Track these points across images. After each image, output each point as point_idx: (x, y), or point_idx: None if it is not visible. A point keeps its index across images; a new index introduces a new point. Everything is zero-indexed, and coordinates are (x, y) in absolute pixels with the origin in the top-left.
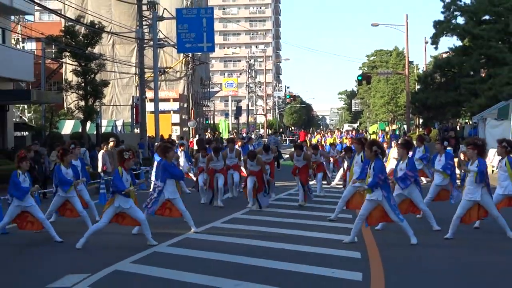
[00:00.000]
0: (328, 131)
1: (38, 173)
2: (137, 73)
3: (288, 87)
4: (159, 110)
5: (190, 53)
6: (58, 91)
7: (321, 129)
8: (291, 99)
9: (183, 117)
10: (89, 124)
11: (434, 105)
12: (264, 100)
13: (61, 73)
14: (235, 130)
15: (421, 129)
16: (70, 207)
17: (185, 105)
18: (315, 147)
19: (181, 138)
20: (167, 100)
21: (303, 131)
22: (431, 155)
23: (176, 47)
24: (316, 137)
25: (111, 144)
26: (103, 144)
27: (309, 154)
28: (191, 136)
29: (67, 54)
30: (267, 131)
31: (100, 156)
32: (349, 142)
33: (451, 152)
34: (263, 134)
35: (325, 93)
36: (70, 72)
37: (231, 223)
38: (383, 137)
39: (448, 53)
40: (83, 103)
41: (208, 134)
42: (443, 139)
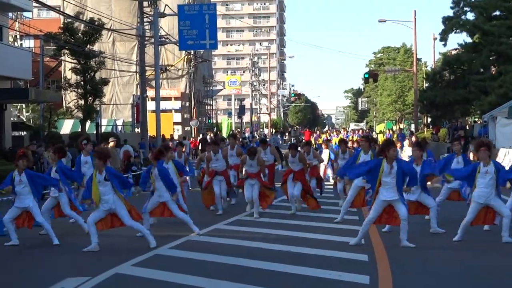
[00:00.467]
0: (334, 130)
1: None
2: (138, 71)
3: (292, 85)
4: (161, 109)
5: (192, 51)
6: (57, 89)
7: (330, 129)
8: (296, 97)
9: (185, 116)
10: (88, 123)
11: (442, 103)
12: (268, 98)
13: (60, 71)
14: (238, 129)
15: (429, 128)
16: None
17: (187, 104)
18: (307, 143)
19: (183, 138)
20: (169, 98)
21: (308, 130)
22: (438, 154)
23: (178, 44)
24: (321, 137)
25: (111, 144)
26: (103, 144)
27: (305, 156)
28: (193, 135)
29: (66, 51)
30: (271, 130)
31: None
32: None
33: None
34: (267, 133)
35: (331, 91)
36: (69, 70)
37: (234, 225)
38: (390, 136)
39: (457, 50)
40: (82, 102)
41: (209, 134)
42: (454, 139)
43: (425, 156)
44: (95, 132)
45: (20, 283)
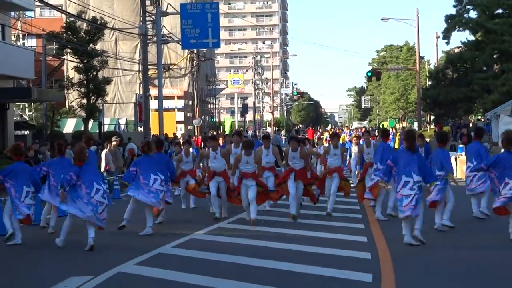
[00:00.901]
0: (337, 129)
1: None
2: (141, 70)
3: (295, 84)
4: (163, 108)
5: (195, 49)
6: (59, 88)
7: (334, 127)
8: (299, 96)
9: (188, 115)
10: (91, 122)
11: (445, 101)
12: (271, 97)
13: (62, 71)
14: (241, 128)
15: (432, 126)
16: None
17: (190, 103)
18: (303, 140)
19: (189, 136)
20: (172, 97)
21: (311, 128)
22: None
23: (180, 43)
24: (324, 136)
25: (114, 143)
26: (106, 143)
27: (308, 151)
28: (195, 134)
29: (69, 51)
30: (274, 128)
31: (103, 155)
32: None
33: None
34: (270, 132)
35: (334, 89)
36: (71, 69)
37: (238, 223)
38: (393, 134)
39: (460, 48)
40: (85, 101)
41: (211, 132)
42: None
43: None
44: (98, 131)
45: (23, 282)
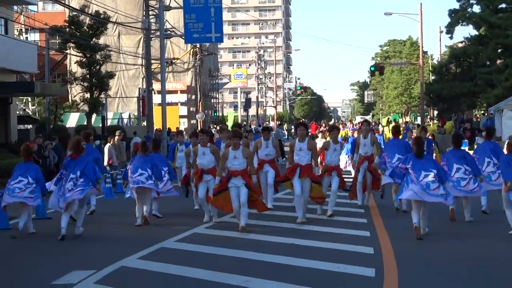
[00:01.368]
0: (340, 123)
1: (42, 166)
2: (144, 64)
3: (298, 78)
4: (167, 102)
5: (198, 44)
6: (62, 83)
7: (339, 121)
8: (302, 90)
9: (191, 110)
10: (94, 116)
11: (449, 96)
12: (274, 91)
13: (65, 65)
14: (244, 122)
15: (435, 121)
16: None
17: (193, 97)
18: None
19: (194, 130)
20: (175, 92)
21: (315, 123)
22: (445, 147)
23: (183, 37)
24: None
25: (117, 137)
26: (109, 137)
27: (315, 143)
28: (199, 128)
29: (72, 45)
30: (277, 123)
31: (106, 149)
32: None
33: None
34: (273, 126)
35: (337, 84)
36: (74, 63)
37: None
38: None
39: (463, 43)
40: (88, 96)
41: (214, 127)
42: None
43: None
44: (101, 125)
45: (26, 277)
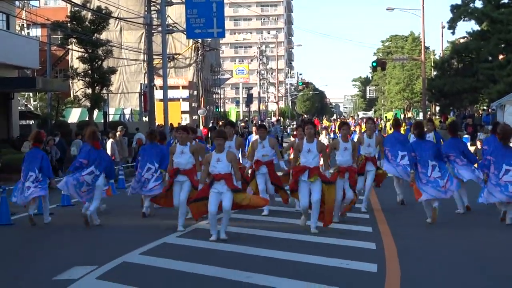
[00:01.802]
0: (340, 119)
1: None
2: (145, 59)
3: (300, 74)
4: (168, 98)
5: (199, 39)
6: (64, 78)
7: (343, 117)
8: (304, 86)
9: (193, 105)
10: (96, 112)
11: (451, 91)
12: (276, 87)
13: (67, 60)
14: (246, 118)
15: (437, 117)
16: None
17: (195, 93)
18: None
19: (196, 126)
20: (176, 87)
21: (317, 119)
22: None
23: (185, 33)
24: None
25: (119, 133)
26: (111, 133)
27: (325, 144)
28: (201, 124)
29: (73, 40)
30: (275, 119)
31: (108, 145)
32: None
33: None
34: (274, 122)
35: (339, 80)
36: (76, 59)
37: (242, 213)
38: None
39: (465, 38)
40: (90, 91)
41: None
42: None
43: (433, 138)
44: (102, 121)
45: (27, 272)
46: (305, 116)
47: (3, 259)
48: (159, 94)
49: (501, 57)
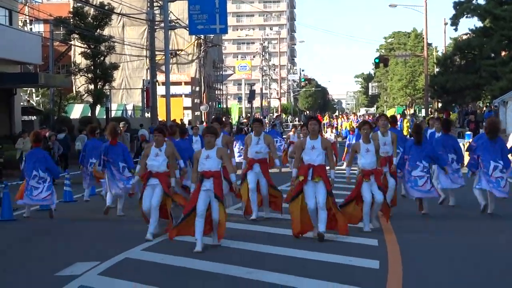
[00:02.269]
0: (344, 115)
1: None
2: (148, 55)
3: (303, 70)
4: (171, 93)
5: (202, 35)
6: (66, 74)
7: (343, 113)
8: (306, 82)
9: (195, 101)
10: (98, 108)
11: (453, 88)
12: (278, 83)
13: (69, 56)
14: (248, 114)
15: (440, 113)
16: None
17: (197, 89)
18: (295, 126)
19: (201, 122)
20: (179, 83)
21: (319, 115)
22: None
23: (188, 29)
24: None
25: (122, 128)
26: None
27: (329, 141)
28: (203, 120)
29: (76, 36)
30: (281, 115)
31: None
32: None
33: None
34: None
35: (341, 76)
36: (79, 54)
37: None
38: (401, 121)
39: (468, 35)
40: (92, 87)
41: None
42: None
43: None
44: (105, 117)
45: (30, 268)
46: (307, 112)
47: (5, 255)
48: (161, 90)
49: (503, 53)
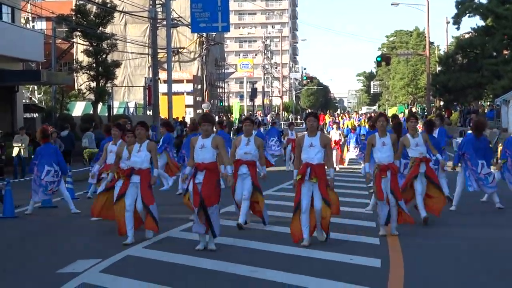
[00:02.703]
0: (346, 113)
1: None
2: (150, 53)
3: (305, 69)
4: (173, 91)
5: (204, 33)
6: (69, 71)
7: (345, 112)
8: (308, 80)
9: (197, 99)
10: (100, 105)
11: (455, 87)
12: (280, 81)
13: (72, 53)
14: (250, 112)
15: (442, 112)
16: None
17: (199, 87)
18: (291, 124)
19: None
20: (181, 81)
21: (322, 113)
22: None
23: (190, 27)
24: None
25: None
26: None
27: (329, 137)
28: None
29: (78, 33)
30: (283, 113)
31: None
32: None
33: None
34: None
35: (343, 74)
36: (81, 52)
37: None
38: (404, 120)
39: (470, 34)
40: (94, 84)
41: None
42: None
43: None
44: (107, 114)
45: (31, 265)
46: (309, 110)
47: (6, 252)
48: (163, 87)
49: (505, 52)
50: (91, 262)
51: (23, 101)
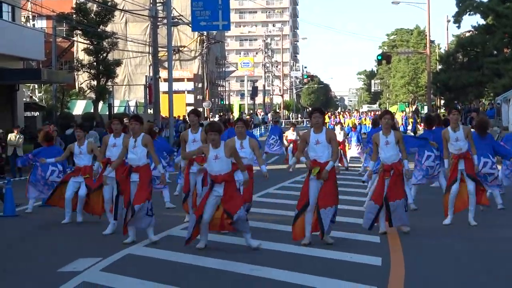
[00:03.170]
0: (347, 112)
1: None
2: (151, 52)
3: (305, 67)
4: (173, 90)
5: (205, 32)
6: (69, 70)
7: (345, 110)
8: (309, 79)
9: (198, 98)
10: (101, 104)
11: (456, 85)
12: (281, 80)
13: (72, 52)
14: (251, 110)
15: (442, 110)
16: None
17: (200, 85)
18: (293, 124)
19: (205, 119)
20: (181, 80)
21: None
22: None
23: (190, 25)
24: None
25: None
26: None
27: (334, 132)
28: (206, 117)
29: (79, 32)
30: (283, 111)
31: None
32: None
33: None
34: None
35: (344, 73)
36: (81, 50)
37: None
38: (406, 119)
39: (471, 32)
40: (95, 83)
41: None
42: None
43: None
44: (107, 113)
45: (32, 264)
46: (310, 109)
47: (7, 251)
48: (164, 86)
49: (506, 51)
50: (92, 260)
51: (24, 99)
